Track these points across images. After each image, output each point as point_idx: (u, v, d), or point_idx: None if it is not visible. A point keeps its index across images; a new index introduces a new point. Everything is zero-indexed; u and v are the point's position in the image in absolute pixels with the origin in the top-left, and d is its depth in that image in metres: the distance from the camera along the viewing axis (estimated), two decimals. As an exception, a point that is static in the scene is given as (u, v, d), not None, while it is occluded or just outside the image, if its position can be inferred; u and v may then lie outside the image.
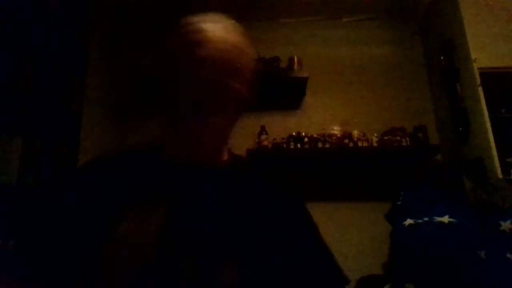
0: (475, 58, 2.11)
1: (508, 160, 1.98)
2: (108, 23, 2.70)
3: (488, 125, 2.00)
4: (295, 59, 2.51)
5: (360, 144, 2.39)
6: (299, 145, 2.40)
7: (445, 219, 1.50)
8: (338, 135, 2.43)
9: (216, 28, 0.74)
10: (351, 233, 2.37)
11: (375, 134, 2.42)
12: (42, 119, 1.95)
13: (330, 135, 2.43)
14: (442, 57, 2.43)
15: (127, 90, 2.71)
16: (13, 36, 1.79)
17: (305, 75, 2.49)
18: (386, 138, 2.40)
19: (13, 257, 0.73)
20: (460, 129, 2.24)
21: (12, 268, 0.70)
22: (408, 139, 2.39)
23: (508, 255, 1.36)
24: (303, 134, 2.43)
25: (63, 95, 2.15)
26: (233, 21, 0.78)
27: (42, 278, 0.67)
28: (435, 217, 1.53)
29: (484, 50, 2.14)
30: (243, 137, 2.43)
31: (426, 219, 1.54)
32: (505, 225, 1.45)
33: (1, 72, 1.71)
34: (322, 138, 2.41)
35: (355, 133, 2.43)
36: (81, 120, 2.26)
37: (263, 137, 2.45)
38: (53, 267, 0.68)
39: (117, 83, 2.70)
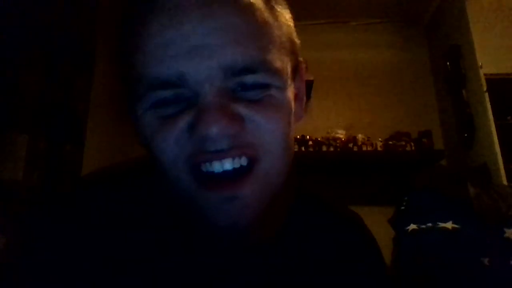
0: (482, 64, 2.11)
1: (513, 167, 1.97)
2: (116, 23, 2.72)
3: (494, 131, 1.99)
4: (301, 62, 2.51)
5: (364, 148, 2.38)
6: (303, 148, 2.40)
7: (449, 225, 1.50)
8: (343, 139, 2.43)
9: None
10: (354, 237, 2.36)
11: (380, 139, 2.41)
12: (48, 117, 1.96)
13: (335, 139, 2.43)
14: (448, 63, 2.42)
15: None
16: (19, 36, 1.80)
17: (310, 78, 2.49)
18: (390, 142, 2.40)
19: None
20: (466, 135, 2.23)
21: None
22: (413, 144, 2.38)
23: (512, 263, 1.35)
24: (308, 137, 2.43)
25: (69, 94, 2.16)
26: None
27: None
28: (438, 223, 1.52)
29: (490, 56, 2.13)
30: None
31: (429, 224, 1.53)
32: (509, 232, 1.44)
33: (7, 71, 1.73)
34: (327, 142, 2.41)
35: (360, 137, 2.43)
36: (86, 119, 2.27)
37: (267, 139, 2.45)
38: None
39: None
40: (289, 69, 0.45)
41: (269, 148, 0.41)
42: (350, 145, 2.40)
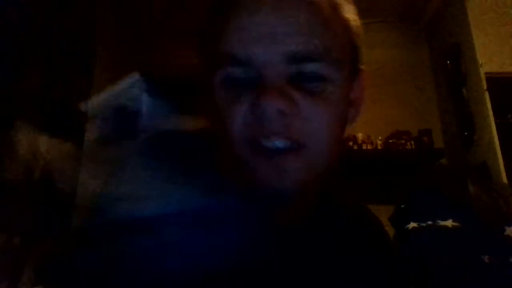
0: (482, 63, 2.10)
1: (513, 165, 1.97)
2: (116, 17, 2.72)
3: (494, 130, 1.99)
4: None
5: (364, 147, 2.38)
6: (303, 147, 2.40)
7: (449, 223, 1.50)
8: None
9: None
10: (354, 236, 2.37)
11: (380, 137, 2.42)
12: (48, 116, 1.96)
13: (335, 137, 2.43)
14: (448, 61, 2.42)
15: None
16: (19, 35, 1.80)
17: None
18: (391, 141, 2.40)
19: None
20: (466, 133, 2.23)
21: None
22: (413, 143, 2.38)
23: (512, 261, 1.35)
24: (308, 135, 2.43)
25: (70, 93, 2.16)
26: None
27: None
28: (439, 221, 1.52)
29: (491, 55, 2.13)
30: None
31: (429, 222, 1.53)
32: (510, 230, 1.44)
33: (7, 70, 1.72)
34: (327, 140, 2.41)
35: (360, 135, 2.43)
36: (87, 117, 2.27)
37: (268, 138, 2.45)
38: None
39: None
40: (347, 68, 0.49)
41: (315, 140, 0.46)
42: (350, 143, 2.40)
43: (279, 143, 0.44)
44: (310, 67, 0.45)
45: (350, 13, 0.50)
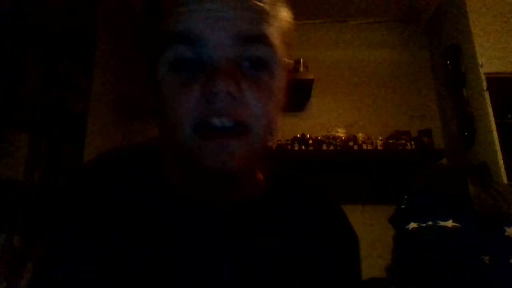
0: (482, 63, 2.11)
1: (513, 165, 1.97)
2: (116, 23, 2.72)
3: (494, 130, 1.99)
4: (301, 61, 2.51)
5: (364, 147, 2.38)
6: (303, 147, 2.40)
7: (449, 223, 1.50)
8: (343, 138, 2.43)
9: None
10: (354, 236, 2.37)
11: (380, 137, 2.41)
12: (48, 117, 1.96)
13: (335, 138, 2.43)
14: (448, 61, 2.42)
15: (135, 88, 2.72)
16: (20, 35, 1.80)
17: (310, 77, 2.49)
18: (391, 141, 2.40)
19: None
20: (466, 133, 2.23)
21: None
22: (413, 143, 2.38)
23: (512, 261, 1.35)
24: (308, 136, 2.43)
25: (70, 94, 2.16)
26: None
27: None
28: (439, 222, 1.53)
29: (491, 55, 2.13)
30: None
31: (430, 223, 1.53)
32: (510, 230, 1.44)
33: (8, 71, 1.73)
34: (327, 141, 2.41)
35: (360, 136, 2.43)
36: (87, 119, 2.27)
37: (268, 138, 2.45)
38: None
39: (124, 81, 2.72)
40: (283, 54, 0.52)
41: (258, 122, 0.49)
42: (350, 144, 2.40)
43: (227, 122, 0.47)
44: (255, 49, 0.48)
45: (283, 10, 0.54)
